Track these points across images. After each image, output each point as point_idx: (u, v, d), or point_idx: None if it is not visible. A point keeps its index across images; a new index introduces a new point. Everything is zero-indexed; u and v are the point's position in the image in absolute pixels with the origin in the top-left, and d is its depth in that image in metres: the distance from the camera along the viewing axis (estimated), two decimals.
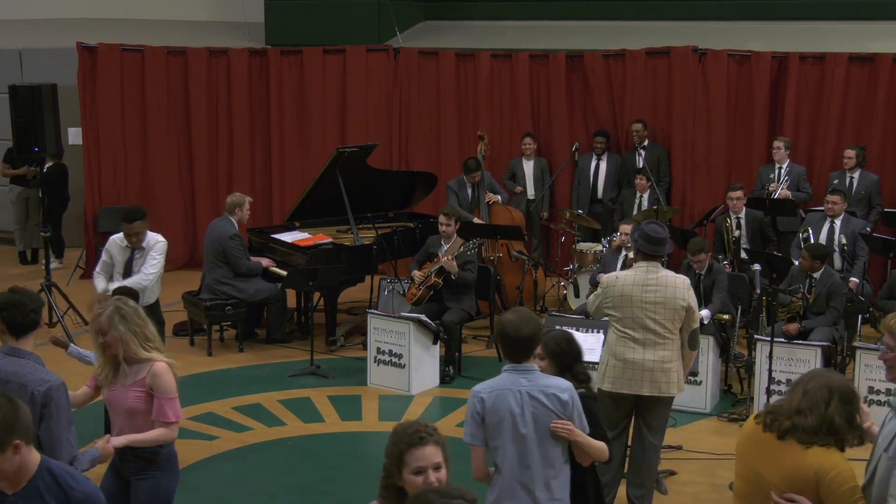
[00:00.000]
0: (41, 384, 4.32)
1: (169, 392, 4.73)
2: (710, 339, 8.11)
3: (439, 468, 3.39)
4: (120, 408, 4.78)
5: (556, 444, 4.45)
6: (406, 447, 3.37)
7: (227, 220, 9.55)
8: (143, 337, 4.75)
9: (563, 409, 4.42)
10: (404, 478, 3.37)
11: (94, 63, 12.41)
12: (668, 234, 6.14)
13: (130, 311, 4.77)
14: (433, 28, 13.54)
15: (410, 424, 3.46)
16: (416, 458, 3.36)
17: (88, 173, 12.53)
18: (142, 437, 4.71)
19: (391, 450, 3.41)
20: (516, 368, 4.46)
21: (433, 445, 3.40)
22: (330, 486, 6.96)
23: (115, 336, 4.70)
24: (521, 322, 4.41)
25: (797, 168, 10.55)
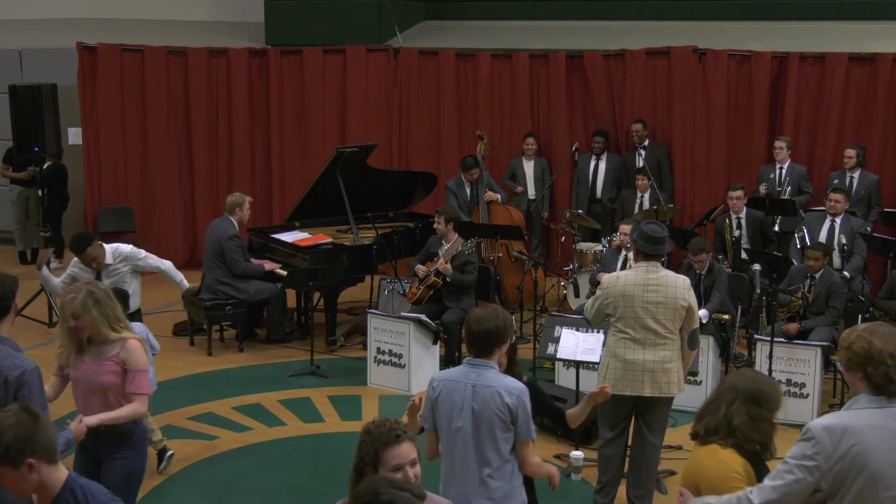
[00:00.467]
0: (14, 369, 4.36)
1: (142, 365, 4.81)
2: (710, 339, 8.11)
3: (415, 464, 3.45)
4: (92, 384, 4.79)
5: (494, 443, 4.38)
6: (382, 446, 3.40)
7: (227, 220, 9.54)
8: (114, 319, 4.80)
9: (506, 412, 4.34)
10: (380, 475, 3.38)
11: (94, 63, 12.41)
12: (668, 233, 6.15)
13: (102, 294, 4.82)
14: (433, 28, 13.54)
15: (383, 423, 3.49)
16: (393, 457, 3.40)
17: (88, 173, 12.53)
18: (115, 414, 4.75)
19: (366, 449, 3.43)
20: (471, 362, 4.46)
21: (408, 442, 3.45)
22: (330, 486, 6.95)
23: (87, 321, 4.74)
24: (483, 317, 4.40)
25: (798, 168, 10.55)
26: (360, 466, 3.45)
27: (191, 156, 12.77)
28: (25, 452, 3.23)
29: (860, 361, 3.65)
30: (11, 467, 3.24)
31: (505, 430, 4.38)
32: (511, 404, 4.34)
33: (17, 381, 4.34)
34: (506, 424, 4.37)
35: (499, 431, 4.37)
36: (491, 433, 4.37)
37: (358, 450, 3.48)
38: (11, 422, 3.26)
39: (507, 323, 4.47)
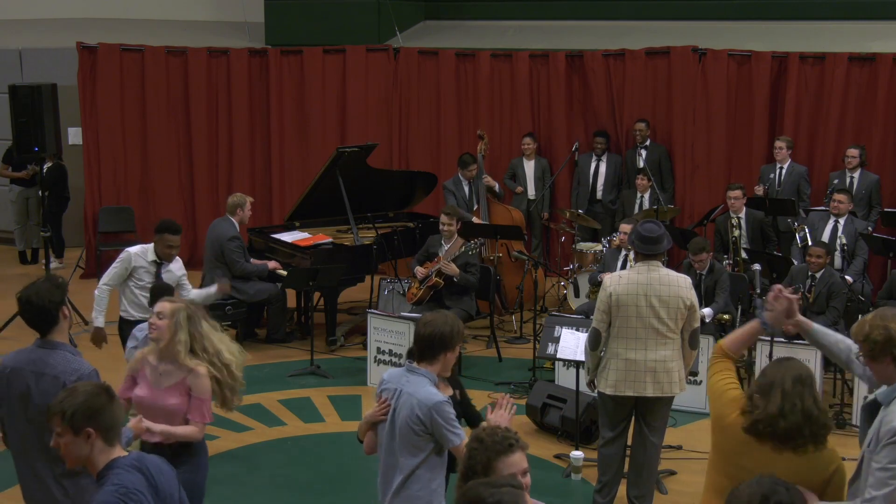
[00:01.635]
0: (72, 373, 4.37)
1: (206, 393, 4.84)
2: (710, 339, 8.10)
3: (526, 473, 3.35)
4: (158, 410, 4.83)
5: (403, 450, 4.33)
6: (495, 455, 3.32)
7: (227, 220, 9.54)
8: (200, 346, 4.85)
9: (419, 423, 4.27)
10: None
11: (94, 63, 12.41)
12: (664, 231, 6.13)
13: (199, 317, 4.89)
14: (433, 28, 13.54)
15: (495, 431, 3.41)
16: (506, 466, 3.30)
17: (88, 173, 12.53)
18: (172, 430, 4.80)
19: (478, 457, 3.33)
20: (409, 367, 4.40)
21: (520, 451, 3.36)
22: (330, 486, 6.97)
23: (170, 328, 4.78)
24: (431, 320, 4.32)
25: (798, 168, 10.55)
26: (469, 476, 3.34)
27: (191, 156, 12.76)
28: (88, 422, 3.43)
29: (884, 347, 3.72)
30: (73, 432, 3.44)
31: (418, 438, 4.29)
32: (422, 417, 4.26)
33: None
34: (419, 435, 4.29)
35: (414, 438, 4.30)
36: (405, 439, 4.31)
37: (467, 458, 3.38)
38: (88, 392, 3.49)
39: (456, 330, 4.36)
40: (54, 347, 4.47)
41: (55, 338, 4.51)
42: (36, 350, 4.49)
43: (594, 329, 6.05)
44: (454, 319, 4.40)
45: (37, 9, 13.73)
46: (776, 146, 10.55)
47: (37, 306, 4.45)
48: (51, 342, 4.49)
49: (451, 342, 4.34)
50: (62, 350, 4.48)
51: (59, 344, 4.50)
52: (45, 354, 4.45)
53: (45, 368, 4.41)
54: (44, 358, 4.44)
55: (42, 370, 4.41)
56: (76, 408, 3.43)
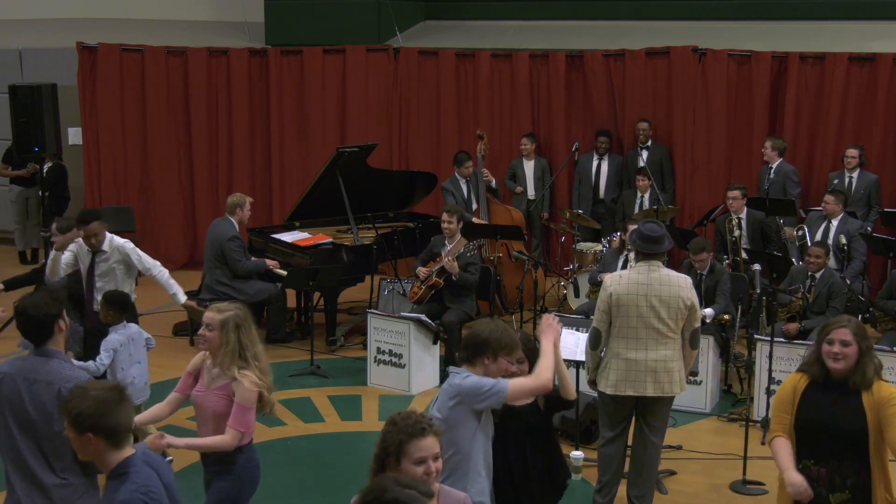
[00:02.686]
0: (68, 381, 4.37)
1: (248, 402, 4.86)
2: (710, 339, 8.11)
3: (437, 458, 3.46)
4: (207, 411, 4.89)
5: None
6: (408, 437, 3.42)
7: (227, 220, 9.54)
8: (252, 353, 4.89)
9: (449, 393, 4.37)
10: (403, 468, 3.41)
11: (94, 63, 12.41)
12: (666, 231, 6.14)
13: (247, 323, 4.91)
14: (433, 28, 13.54)
15: (409, 415, 3.51)
16: (417, 449, 3.42)
17: (88, 173, 12.53)
18: (200, 441, 4.85)
19: (391, 439, 3.45)
20: (452, 370, 4.50)
21: (433, 436, 3.47)
22: (330, 486, 6.97)
23: (220, 339, 4.82)
24: (474, 326, 4.49)
25: (785, 168, 10.53)
26: (382, 457, 3.46)
27: (191, 156, 12.76)
28: (89, 426, 3.48)
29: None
30: (75, 431, 3.52)
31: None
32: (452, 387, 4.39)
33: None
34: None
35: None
36: None
37: (381, 440, 3.49)
38: (96, 394, 3.52)
39: (496, 337, 4.37)
40: (49, 356, 4.49)
41: (50, 347, 4.52)
42: (31, 359, 4.51)
43: (594, 329, 6.06)
44: (504, 330, 4.41)
45: (37, 9, 13.74)
46: (765, 146, 10.56)
47: (33, 318, 4.47)
48: (45, 351, 4.50)
49: (489, 347, 4.35)
50: (56, 358, 4.50)
51: (54, 352, 4.51)
52: (40, 363, 4.46)
53: (40, 375, 4.42)
54: (37, 367, 4.45)
55: (35, 377, 4.42)
56: (81, 409, 3.49)
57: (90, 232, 7.50)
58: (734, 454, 7.11)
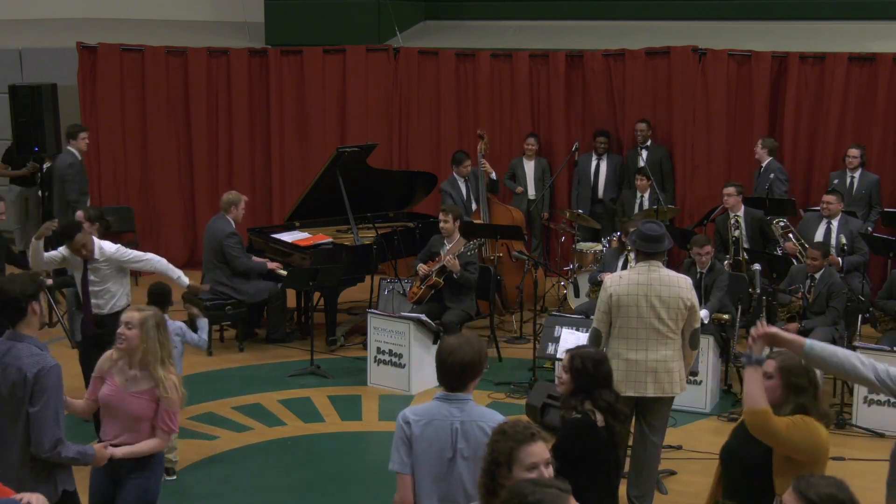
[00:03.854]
0: (34, 366, 4.43)
1: (175, 405, 4.84)
2: (710, 339, 8.11)
3: (549, 464, 3.39)
4: (123, 413, 4.83)
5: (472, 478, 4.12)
6: (518, 444, 3.37)
7: (223, 218, 9.54)
8: (167, 353, 4.84)
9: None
10: (515, 476, 3.34)
11: (94, 63, 12.41)
12: (665, 231, 6.14)
13: (165, 324, 4.90)
14: (433, 28, 13.54)
15: (518, 423, 3.47)
16: (529, 455, 3.36)
17: (88, 173, 12.51)
18: (139, 447, 4.81)
19: (501, 447, 3.39)
20: (447, 397, 4.15)
21: (542, 442, 3.42)
22: (330, 486, 6.97)
23: (139, 338, 4.77)
24: (459, 347, 4.10)
25: (773, 166, 10.53)
26: (491, 469, 3.39)
27: (191, 156, 12.75)
28: None
29: None
30: None
31: None
32: None
33: (35, 377, 4.43)
34: None
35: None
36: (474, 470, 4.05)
37: (490, 451, 3.43)
38: None
39: (483, 354, 4.16)
40: (20, 340, 4.54)
41: (22, 331, 4.57)
42: (3, 342, 4.58)
43: (595, 329, 6.06)
44: (478, 343, 4.21)
45: (37, 9, 13.73)
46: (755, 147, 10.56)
47: (8, 295, 4.53)
48: (18, 335, 4.55)
49: (479, 368, 4.16)
50: (28, 342, 4.54)
51: (25, 336, 4.56)
52: (10, 346, 4.53)
53: (12, 360, 4.48)
54: (9, 350, 4.52)
55: (7, 361, 4.48)
56: None
57: (77, 245, 7.33)
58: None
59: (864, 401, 7.78)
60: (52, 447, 4.46)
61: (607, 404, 4.56)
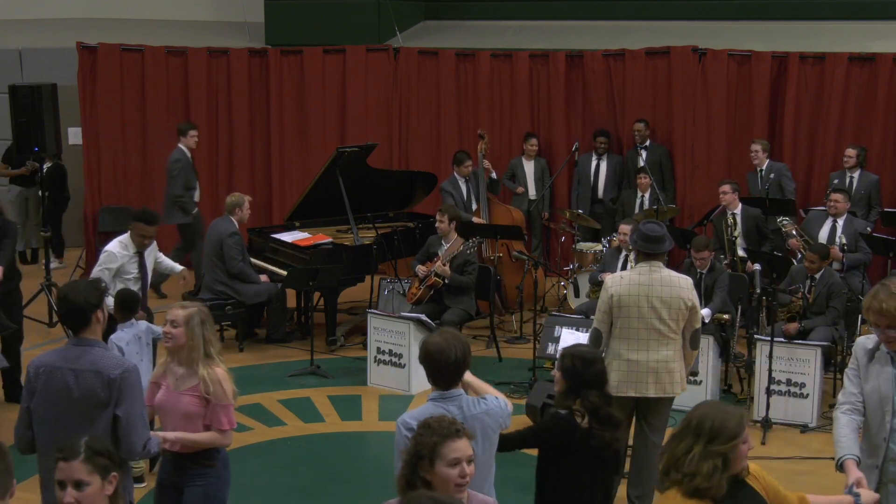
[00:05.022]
0: (116, 368, 4.39)
1: (225, 398, 4.81)
2: (710, 339, 8.11)
3: (471, 461, 3.43)
4: (176, 413, 4.83)
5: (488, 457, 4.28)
6: (442, 439, 3.40)
7: (227, 219, 9.55)
8: (214, 348, 4.85)
9: (498, 422, 4.27)
10: (436, 470, 3.38)
11: (94, 63, 12.40)
12: (666, 231, 6.14)
13: (210, 319, 4.88)
14: (433, 28, 13.54)
15: (442, 418, 3.51)
16: (452, 450, 3.40)
17: (88, 173, 12.52)
18: (195, 436, 4.79)
19: (425, 441, 3.42)
20: (444, 396, 4.17)
21: (466, 439, 3.45)
22: (330, 486, 6.97)
23: (184, 334, 4.77)
24: (448, 346, 4.11)
25: (776, 165, 10.53)
26: (413, 461, 3.42)
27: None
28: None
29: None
30: None
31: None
32: (503, 419, 4.30)
33: (121, 379, 4.38)
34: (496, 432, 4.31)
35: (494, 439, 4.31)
36: (490, 449, 4.27)
37: (414, 444, 3.46)
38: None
39: (468, 348, 4.22)
40: (89, 345, 4.48)
41: (88, 336, 4.51)
42: (71, 348, 4.50)
43: (595, 329, 6.06)
44: (462, 338, 4.26)
45: (37, 9, 13.73)
46: (752, 150, 10.55)
47: (73, 303, 4.46)
48: (85, 340, 4.48)
49: (469, 362, 4.22)
50: (97, 347, 4.49)
51: (93, 341, 4.50)
52: (82, 352, 4.45)
53: (85, 364, 4.41)
54: (81, 355, 4.45)
55: (81, 367, 4.41)
56: None
57: (151, 232, 7.48)
58: None
59: None
60: (143, 447, 4.45)
61: (592, 406, 4.61)
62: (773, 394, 7.74)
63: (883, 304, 4.17)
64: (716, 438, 3.50)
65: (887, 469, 4.35)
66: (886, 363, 4.32)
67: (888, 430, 4.30)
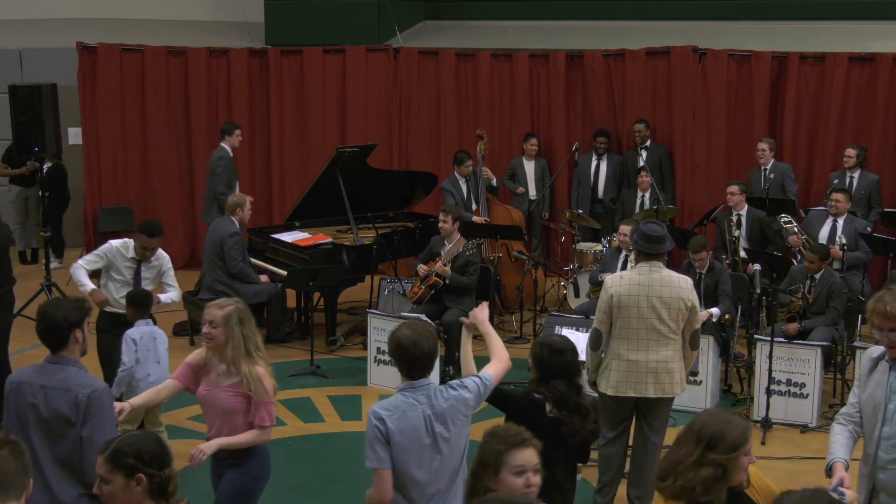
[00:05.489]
0: (85, 388, 4.37)
1: (267, 395, 4.87)
2: (710, 339, 8.11)
3: (538, 471, 3.41)
4: (217, 408, 4.90)
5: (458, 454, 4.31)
6: (508, 448, 3.39)
7: (228, 219, 9.54)
8: (254, 345, 4.87)
9: (468, 409, 4.29)
10: (501, 478, 3.36)
11: (94, 63, 12.41)
12: (667, 231, 6.14)
13: (248, 316, 4.89)
14: (433, 28, 13.54)
15: (509, 427, 3.51)
16: (518, 459, 3.38)
17: (88, 173, 12.53)
18: (231, 439, 4.85)
19: (490, 450, 3.41)
20: (412, 386, 4.23)
21: (533, 449, 3.43)
22: (330, 486, 6.97)
23: (224, 335, 4.78)
24: (419, 338, 4.17)
25: (781, 166, 10.53)
26: (478, 470, 3.42)
27: (191, 156, 12.75)
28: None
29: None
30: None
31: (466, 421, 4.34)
32: (472, 398, 4.32)
33: (88, 398, 4.35)
34: (467, 416, 4.32)
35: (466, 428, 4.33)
36: (461, 442, 4.30)
37: (479, 452, 3.45)
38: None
39: (436, 338, 4.33)
40: (64, 363, 4.46)
41: (65, 354, 4.49)
42: (46, 366, 4.49)
43: (595, 329, 6.06)
44: (431, 329, 4.36)
45: (37, 9, 13.73)
46: (759, 149, 10.54)
47: (51, 321, 4.44)
48: (61, 358, 4.47)
49: (437, 351, 4.33)
50: (71, 366, 4.47)
51: (69, 360, 4.48)
52: (55, 370, 4.44)
53: (55, 382, 4.39)
54: (53, 373, 4.43)
55: (51, 384, 4.40)
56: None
57: (153, 245, 7.30)
58: None
59: None
60: None
61: (559, 395, 4.74)
62: (773, 394, 7.74)
63: (888, 306, 4.18)
64: (716, 447, 3.42)
65: (877, 477, 4.33)
66: (885, 372, 4.32)
67: (877, 438, 4.29)
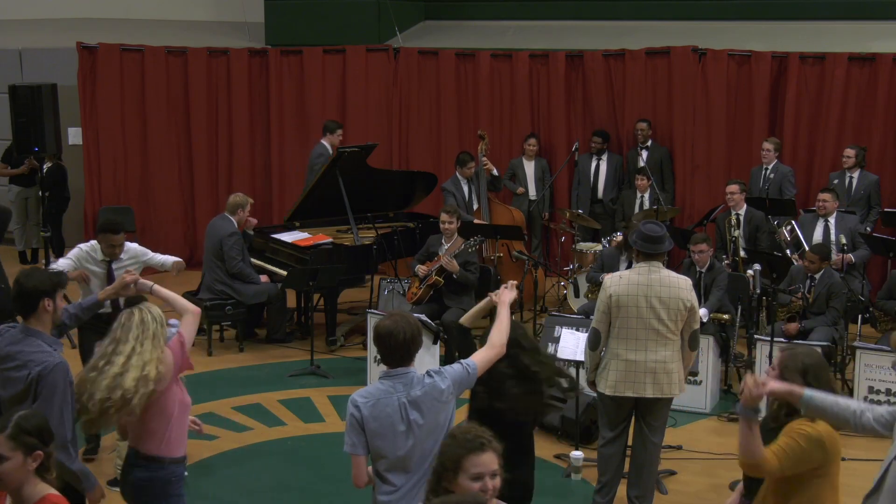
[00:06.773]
0: (38, 364, 4.40)
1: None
2: (710, 339, 8.11)
3: (495, 475, 3.38)
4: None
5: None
6: (466, 452, 3.36)
7: (226, 219, 9.53)
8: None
9: (444, 393, 4.29)
10: (459, 483, 3.35)
11: (94, 63, 12.41)
12: (666, 232, 6.14)
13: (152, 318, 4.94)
14: (433, 28, 13.54)
15: (469, 429, 3.46)
16: (474, 464, 3.35)
17: (88, 173, 12.53)
18: (174, 296, 5.15)
19: (449, 453, 3.40)
20: (390, 374, 4.29)
21: (492, 452, 3.39)
22: (330, 486, 6.96)
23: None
24: (398, 327, 4.25)
25: (783, 169, 10.53)
26: (439, 471, 3.41)
27: (191, 156, 12.76)
28: None
29: None
30: None
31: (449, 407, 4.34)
32: (454, 384, 4.33)
33: (38, 375, 4.39)
34: (448, 402, 4.32)
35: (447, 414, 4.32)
36: (439, 430, 4.26)
37: (440, 454, 3.45)
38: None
39: (419, 327, 4.35)
40: (31, 335, 4.52)
41: (33, 325, 4.54)
42: (15, 333, 4.57)
43: (594, 329, 6.06)
44: (412, 320, 4.38)
45: (37, 9, 13.74)
46: (763, 148, 10.54)
47: (22, 287, 4.52)
48: (29, 329, 4.53)
49: (420, 339, 4.37)
50: (36, 338, 4.51)
51: (34, 331, 4.54)
52: (20, 339, 4.52)
53: (16, 353, 4.47)
54: (16, 342, 4.51)
55: (11, 354, 4.48)
56: None
57: (117, 241, 7.13)
58: (734, 454, 7.08)
59: (864, 400, 7.76)
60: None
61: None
62: None
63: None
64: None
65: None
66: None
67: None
